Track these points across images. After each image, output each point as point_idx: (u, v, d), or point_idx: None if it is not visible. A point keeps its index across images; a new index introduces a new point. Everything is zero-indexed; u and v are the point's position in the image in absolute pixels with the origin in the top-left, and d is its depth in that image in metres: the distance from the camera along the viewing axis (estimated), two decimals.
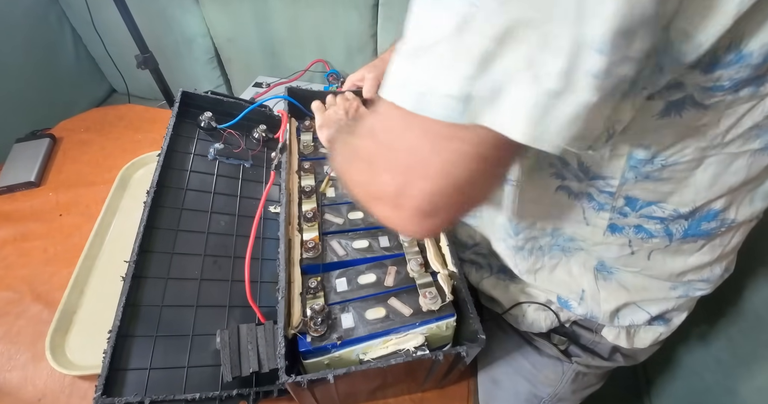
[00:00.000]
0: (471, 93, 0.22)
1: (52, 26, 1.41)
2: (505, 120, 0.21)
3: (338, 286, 0.48)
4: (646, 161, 0.33)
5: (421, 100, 0.23)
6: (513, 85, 0.21)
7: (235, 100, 0.70)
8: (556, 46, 0.19)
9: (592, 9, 0.18)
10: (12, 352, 0.59)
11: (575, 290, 0.47)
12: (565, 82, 0.20)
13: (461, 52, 0.21)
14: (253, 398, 0.47)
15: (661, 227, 0.37)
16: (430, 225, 0.28)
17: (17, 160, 0.85)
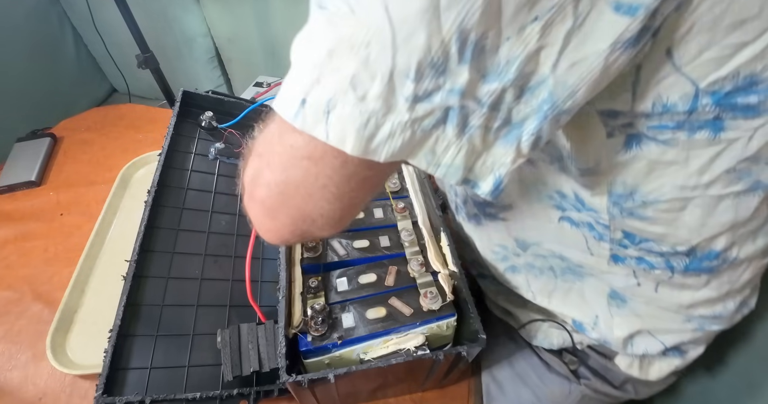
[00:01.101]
0: (306, 100, 0.22)
1: (53, 26, 1.42)
2: (339, 136, 0.22)
3: (339, 286, 0.48)
4: (626, 196, 0.33)
5: (278, 98, 0.24)
6: (341, 102, 0.21)
7: (236, 100, 0.70)
8: (375, 70, 0.20)
9: (404, 42, 0.19)
10: (13, 352, 0.59)
11: (589, 314, 0.47)
12: (384, 104, 0.21)
13: (304, 59, 0.22)
14: (253, 397, 0.47)
15: (662, 260, 0.37)
16: (273, 227, 0.29)
17: (18, 160, 0.85)
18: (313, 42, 0.22)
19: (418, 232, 0.53)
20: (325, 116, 0.22)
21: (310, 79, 0.22)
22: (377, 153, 0.22)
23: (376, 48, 0.20)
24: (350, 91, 0.21)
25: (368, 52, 0.20)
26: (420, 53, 0.19)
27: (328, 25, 0.21)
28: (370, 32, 0.20)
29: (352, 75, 0.21)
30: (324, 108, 0.22)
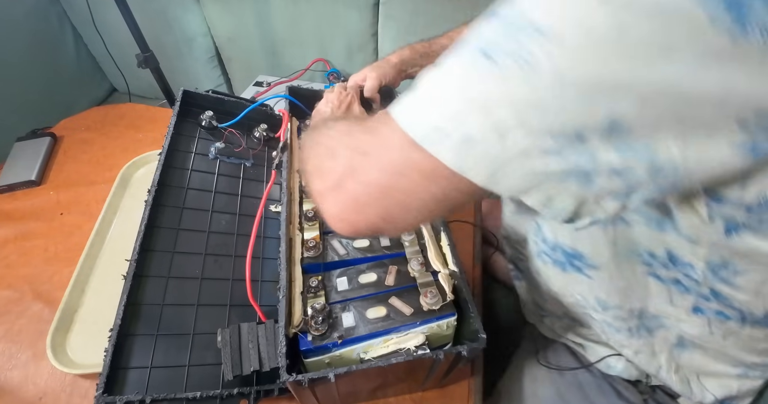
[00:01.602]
0: (442, 127, 0.25)
1: (53, 25, 1.41)
2: (468, 165, 0.25)
3: (339, 285, 0.48)
4: (722, 266, 0.37)
5: (408, 116, 0.27)
6: (481, 141, 0.24)
7: (236, 99, 0.70)
8: (525, 123, 0.23)
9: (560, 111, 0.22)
10: (13, 351, 0.59)
11: (654, 365, 0.51)
12: (521, 151, 0.24)
13: (446, 89, 0.25)
14: (253, 397, 0.47)
15: (737, 314, 0.41)
16: (353, 220, 0.31)
17: (18, 159, 0.85)
18: (467, 81, 0.24)
19: (419, 232, 0.53)
20: (459, 147, 0.25)
21: (451, 112, 0.25)
22: (497, 186, 0.26)
23: (534, 109, 0.22)
24: (494, 134, 0.24)
25: (526, 109, 0.23)
26: (569, 121, 0.22)
27: (490, 75, 0.23)
28: (534, 95, 0.22)
29: (502, 122, 0.23)
30: (459, 140, 0.25)
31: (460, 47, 0.25)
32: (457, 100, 0.25)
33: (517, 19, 0.23)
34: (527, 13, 0.22)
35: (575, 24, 0.21)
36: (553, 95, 0.22)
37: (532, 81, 0.22)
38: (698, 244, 0.36)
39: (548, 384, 0.61)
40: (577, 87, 0.21)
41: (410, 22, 1.18)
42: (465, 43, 0.25)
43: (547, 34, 0.21)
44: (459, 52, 0.25)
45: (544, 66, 0.22)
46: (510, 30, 0.23)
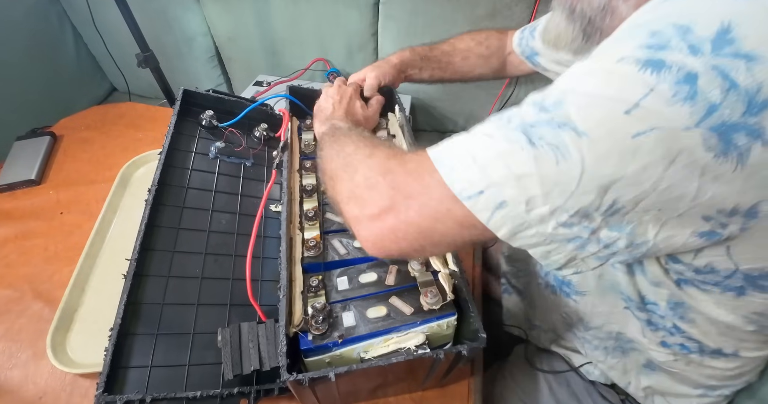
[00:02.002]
0: (484, 192, 0.30)
1: (53, 25, 1.41)
2: (498, 223, 0.31)
3: (339, 285, 0.48)
4: (679, 305, 0.46)
5: (451, 172, 0.32)
6: (512, 208, 0.30)
7: (236, 99, 0.70)
8: (550, 200, 0.29)
9: (579, 195, 0.29)
10: (13, 350, 0.59)
11: (624, 381, 0.61)
12: (541, 220, 0.30)
13: (490, 159, 0.30)
14: (254, 396, 0.47)
15: (697, 346, 0.50)
16: (388, 248, 0.36)
17: (18, 158, 0.85)
18: (511, 158, 0.29)
19: None
20: (493, 208, 0.30)
21: (493, 180, 0.30)
22: (515, 240, 0.32)
23: (560, 190, 0.28)
24: (523, 204, 0.29)
25: (554, 189, 0.28)
26: (584, 204, 0.29)
27: (531, 158, 0.29)
28: (562, 180, 0.28)
29: (532, 196, 0.29)
30: (496, 204, 0.30)
31: (507, 121, 0.31)
32: (500, 172, 0.30)
33: (562, 118, 0.28)
34: (571, 116, 0.27)
35: (606, 133, 0.27)
36: (577, 182, 0.28)
37: (563, 169, 0.28)
38: (660, 287, 0.45)
39: (541, 383, 0.68)
40: (597, 179, 0.27)
41: (410, 22, 1.18)
42: (512, 119, 0.30)
43: (582, 135, 0.27)
44: (506, 127, 0.30)
45: (575, 159, 0.27)
46: (554, 125, 0.28)
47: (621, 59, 0.27)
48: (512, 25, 1.11)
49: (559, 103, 0.29)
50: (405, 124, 0.65)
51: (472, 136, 0.33)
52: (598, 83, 0.28)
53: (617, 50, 0.28)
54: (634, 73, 0.26)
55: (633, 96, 0.26)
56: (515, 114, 0.31)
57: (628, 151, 0.26)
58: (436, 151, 0.34)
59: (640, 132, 0.26)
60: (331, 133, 0.52)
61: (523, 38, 0.73)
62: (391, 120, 0.69)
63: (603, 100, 0.27)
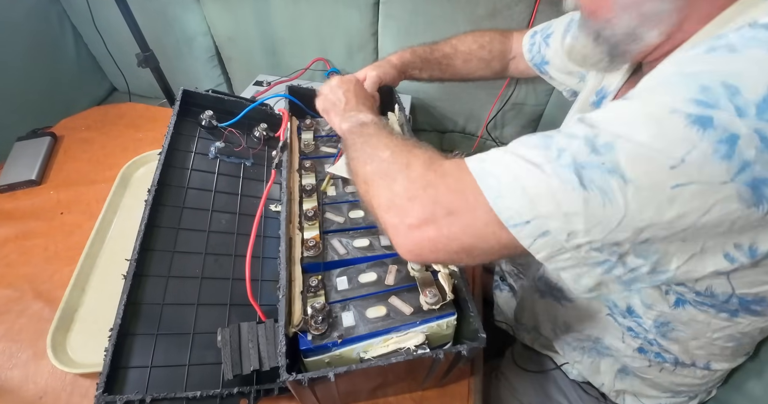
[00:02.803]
0: (531, 222, 0.32)
1: (53, 25, 1.41)
2: (537, 248, 0.33)
3: (339, 285, 0.48)
4: (665, 324, 0.51)
5: (498, 199, 0.33)
6: (554, 237, 0.32)
7: (236, 99, 0.70)
8: (589, 232, 0.32)
9: (614, 231, 0.31)
10: (13, 350, 0.59)
11: (598, 381, 0.65)
12: (577, 246, 0.32)
13: (539, 192, 0.32)
14: (253, 396, 0.47)
15: (673, 358, 0.54)
16: (425, 256, 0.38)
17: (18, 159, 0.85)
18: (561, 196, 0.31)
19: None
20: (537, 236, 0.32)
21: (541, 213, 0.31)
22: (550, 263, 0.34)
23: (601, 228, 0.31)
24: (565, 234, 0.32)
25: (596, 227, 0.31)
26: (619, 239, 0.31)
27: (580, 197, 0.30)
28: (605, 219, 0.30)
29: (575, 229, 0.31)
30: (539, 233, 0.32)
31: (557, 155, 0.32)
32: (549, 207, 0.31)
33: (612, 164, 0.30)
34: (621, 163, 0.29)
35: (650, 183, 0.29)
36: (617, 223, 0.30)
37: (608, 212, 0.30)
38: (651, 309, 0.50)
39: (531, 380, 0.72)
40: (635, 223, 0.30)
41: (410, 22, 1.18)
42: (563, 155, 0.31)
43: (628, 183, 0.29)
44: (557, 162, 0.31)
45: (620, 204, 0.30)
46: (604, 170, 0.30)
47: (673, 111, 0.28)
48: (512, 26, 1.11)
49: (610, 146, 0.30)
50: (405, 124, 0.65)
51: (517, 161, 0.33)
52: (649, 134, 0.29)
53: (668, 99, 0.29)
54: (682, 127, 0.28)
55: (679, 152, 0.28)
56: (565, 147, 0.32)
57: (666, 200, 0.29)
58: (479, 168, 0.35)
59: (680, 184, 0.28)
60: (359, 131, 0.51)
61: (535, 44, 0.72)
62: (391, 119, 0.69)
63: (652, 152, 0.29)
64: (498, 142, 1.38)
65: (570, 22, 0.66)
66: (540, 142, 0.33)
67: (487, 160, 0.35)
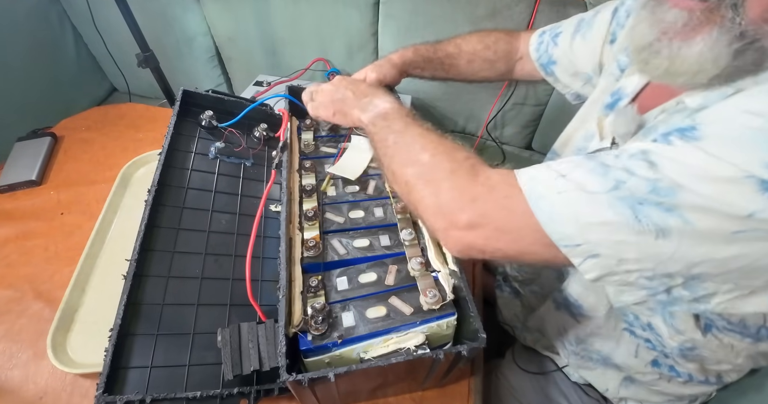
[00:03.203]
0: (581, 245, 0.33)
1: (54, 25, 1.41)
2: (586, 268, 0.34)
3: (339, 285, 0.48)
4: (690, 343, 0.49)
5: (550, 223, 0.33)
6: (604, 260, 0.33)
7: (236, 99, 0.70)
8: (640, 260, 0.32)
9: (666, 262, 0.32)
10: (13, 350, 0.59)
11: (602, 386, 0.65)
12: (626, 271, 0.33)
13: (589, 219, 0.32)
14: (254, 396, 0.47)
15: (686, 374, 0.53)
16: (474, 255, 0.38)
17: (18, 159, 0.85)
18: (615, 227, 0.31)
19: (419, 231, 0.54)
20: (586, 257, 0.33)
21: (590, 239, 0.32)
22: (599, 282, 0.35)
23: (652, 259, 0.31)
24: (615, 260, 0.32)
25: (647, 258, 0.31)
26: (670, 270, 0.32)
27: (634, 231, 0.31)
28: (657, 252, 0.31)
29: (625, 258, 0.32)
30: (590, 254, 0.33)
31: (614, 186, 0.31)
32: (600, 236, 0.32)
33: (672, 205, 0.29)
34: (682, 207, 0.29)
35: (710, 228, 0.29)
36: (669, 256, 0.31)
37: (660, 244, 0.30)
38: (680, 334, 0.48)
39: (532, 381, 0.71)
40: (688, 258, 0.30)
41: (410, 22, 1.18)
42: (620, 188, 0.31)
43: (687, 224, 0.29)
44: (613, 194, 0.31)
45: (674, 239, 0.30)
46: (663, 209, 0.30)
47: (747, 176, 0.28)
48: (512, 26, 1.11)
49: (673, 192, 0.30)
50: None
51: (571, 187, 0.33)
52: (717, 191, 0.29)
53: (741, 161, 0.28)
54: (753, 192, 0.28)
55: (746, 210, 0.28)
56: (624, 180, 0.31)
57: (724, 241, 0.29)
58: (530, 188, 0.35)
59: (741, 231, 0.29)
60: (384, 124, 0.49)
61: (543, 43, 0.70)
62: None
63: (717, 204, 0.29)
64: (498, 142, 1.38)
65: (580, 22, 0.64)
66: (597, 169, 0.33)
67: (539, 180, 0.35)
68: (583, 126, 0.59)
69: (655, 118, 0.44)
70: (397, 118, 0.49)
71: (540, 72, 0.72)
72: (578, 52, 0.64)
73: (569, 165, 0.34)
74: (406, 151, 0.44)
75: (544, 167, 0.36)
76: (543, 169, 0.36)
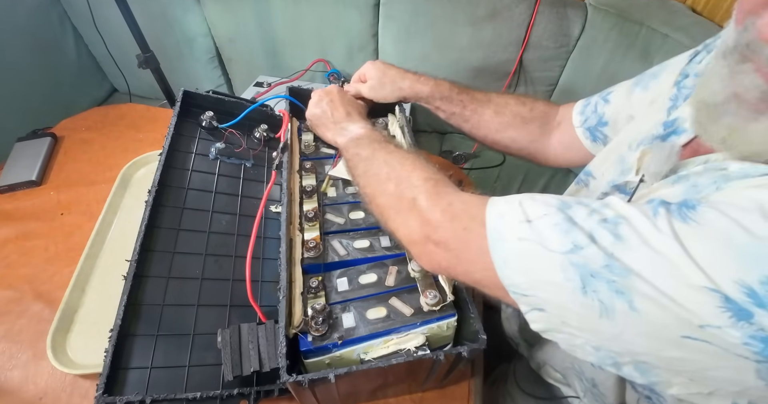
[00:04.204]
0: (528, 295, 0.32)
1: (54, 26, 1.41)
2: (534, 318, 0.32)
3: (339, 286, 0.48)
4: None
5: (503, 267, 0.33)
6: (548, 313, 0.31)
7: (236, 100, 0.70)
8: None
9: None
10: (13, 351, 0.59)
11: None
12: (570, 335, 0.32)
13: (543, 289, 0.31)
14: (253, 397, 0.47)
15: None
16: (441, 272, 0.42)
17: (18, 159, 0.85)
18: (558, 290, 0.30)
19: None
20: (533, 308, 0.32)
21: (537, 295, 0.31)
22: (545, 334, 0.33)
23: (595, 335, 0.30)
24: (559, 321, 0.31)
25: (589, 331, 0.30)
26: (614, 350, 0.30)
27: (576, 302, 0.29)
28: (598, 330, 0.29)
29: (569, 323, 0.31)
30: (536, 307, 0.32)
31: (572, 247, 0.30)
32: (546, 295, 0.31)
33: (623, 288, 0.27)
34: (633, 295, 0.27)
35: (658, 324, 0.27)
36: (612, 338, 0.29)
37: (604, 323, 0.28)
38: (681, 401, 0.43)
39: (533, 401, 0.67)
40: (631, 346, 0.29)
41: (410, 23, 1.18)
42: (576, 252, 0.29)
43: (634, 311, 0.27)
44: (569, 255, 0.30)
45: (618, 324, 0.28)
46: (613, 289, 0.28)
47: (712, 289, 0.25)
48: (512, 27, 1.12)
49: (626, 274, 0.27)
50: (405, 125, 0.65)
51: (532, 237, 0.31)
52: (673, 290, 0.26)
53: (715, 270, 0.25)
54: (714, 307, 0.25)
55: (700, 319, 0.25)
56: (582, 245, 0.29)
57: (670, 342, 0.27)
58: (493, 226, 0.34)
59: (691, 337, 0.26)
60: (355, 150, 0.52)
61: (589, 105, 0.60)
62: (391, 121, 0.69)
63: (669, 302, 0.26)
64: None
65: (641, 76, 0.55)
66: (562, 224, 0.31)
67: (506, 219, 0.33)
68: (617, 150, 0.51)
69: (694, 167, 0.37)
70: (366, 144, 0.51)
71: (584, 140, 0.60)
72: (637, 104, 0.54)
73: (540, 209, 0.33)
74: (375, 181, 0.46)
75: (517, 203, 0.34)
76: (515, 206, 0.34)
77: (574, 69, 1.17)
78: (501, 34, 1.13)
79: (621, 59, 1.06)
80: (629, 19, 1.03)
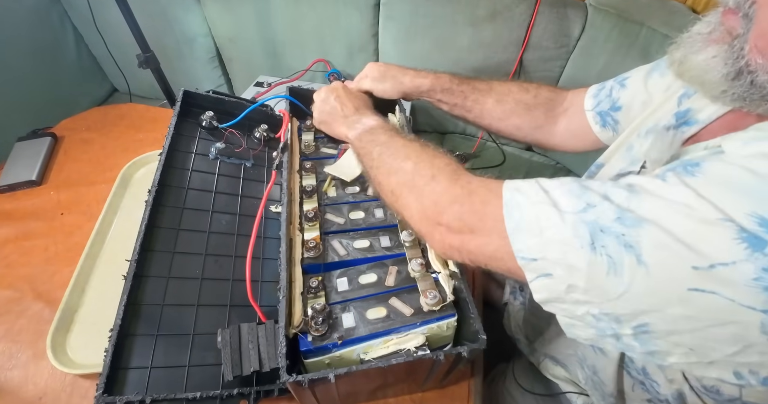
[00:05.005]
0: (537, 259, 0.32)
1: (54, 26, 1.42)
2: (538, 287, 0.33)
3: (339, 286, 0.48)
4: (682, 396, 0.47)
5: (515, 231, 0.33)
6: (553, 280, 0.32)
7: (236, 100, 0.70)
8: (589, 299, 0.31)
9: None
10: (13, 351, 0.59)
11: None
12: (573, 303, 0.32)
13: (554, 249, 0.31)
14: (253, 397, 0.47)
15: None
16: (455, 258, 0.40)
17: (18, 159, 0.85)
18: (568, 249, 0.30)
19: None
20: (539, 275, 0.33)
21: (546, 256, 0.32)
22: (546, 306, 0.34)
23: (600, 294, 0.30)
24: (565, 285, 0.31)
25: (595, 290, 0.30)
26: (617, 312, 0.30)
27: (584, 258, 0.29)
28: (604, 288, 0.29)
29: (575, 285, 0.31)
30: (543, 273, 0.32)
31: (584, 207, 0.31)
32: (556, 255, 0.31)
33: (632, 241, 0.28)
34: (641, 244, 0.28)
35: (665, 276, 0.27)
36: (617, 296, 0.29)
37: (611, 280, 0.29)
38: (672, 384, 0.47)
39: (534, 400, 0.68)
40: (636, 303, 0.29)
41: (411, 23, 1.18)
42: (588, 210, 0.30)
43: (641, 265, 0.28)
44: (581, 215, 0.31)
45: (625, 280, 0.28)
46: (621, 243, 0.28)
47: (727, 220, 0.26)
48: (513, 27, 1.12)
49: (638, 224, 0.28)
50: (405, 125, 0.65)
51: (545, 201, 0.33)
52: (686, 230, 0.27)
53: (729, 206, 0.26)
54: (729, 239, 0.25)
55: (712, 259, 0.26)
56: (595, 204, 0.31)
57: (676, 297, 0.27)
58: (510, 197, 0.35)
59: (698, 289, 0.26)
60: (370, 138, 0.51)
61: (604, 89, 0.59)
62: (391, 120, 0.69)
63: (680, 247, 0.26)
64: (498, 142, 1.38)
65: (658, 62, 0.54)
66: (576, 190, 0.32)
67: (522, 191, 0.35)
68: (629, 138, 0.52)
69: (695, 153, 0.39)
70: (381, 132, 0.51)
71: (593, 125, 0.59)
72: (654, 91, 0.53)
73: (556, 183, 0.34)
74: (390, 161, 0.46)
75: (534, 181, 0.35)
76: (531, 183, 0.35)
77: (574, 69, 1.17)
78: (501, 34, 1.13)
79: (621, 59, 1.06)
80: (629, 19, 1.03)
